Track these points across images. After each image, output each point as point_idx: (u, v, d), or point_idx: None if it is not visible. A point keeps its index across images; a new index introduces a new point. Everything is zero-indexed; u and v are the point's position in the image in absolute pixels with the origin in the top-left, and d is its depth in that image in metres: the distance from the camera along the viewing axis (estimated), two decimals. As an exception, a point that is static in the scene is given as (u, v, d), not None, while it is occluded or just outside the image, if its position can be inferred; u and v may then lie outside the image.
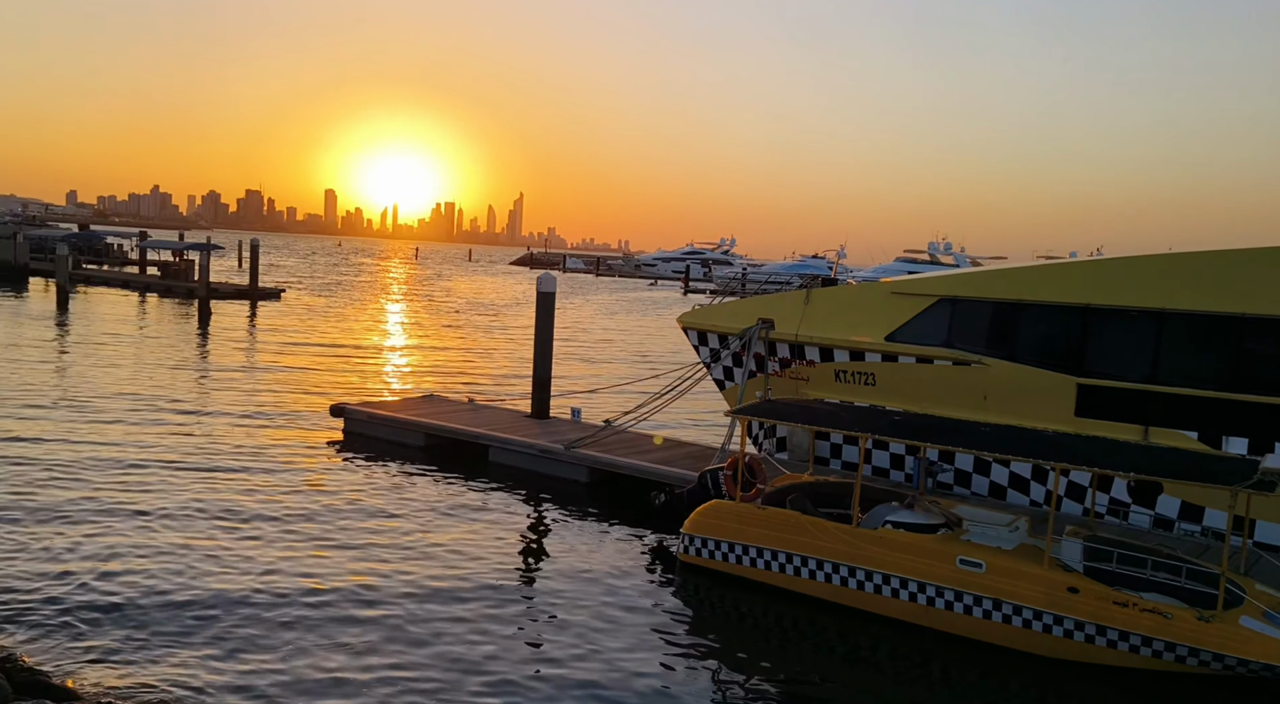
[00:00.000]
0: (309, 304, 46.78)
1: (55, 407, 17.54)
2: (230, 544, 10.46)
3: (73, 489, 12.24)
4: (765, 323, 13.90)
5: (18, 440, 14.76)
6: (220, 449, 14.99)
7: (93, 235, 64.28)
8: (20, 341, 26.44)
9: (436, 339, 34.56)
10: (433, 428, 15.47)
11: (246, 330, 33.47)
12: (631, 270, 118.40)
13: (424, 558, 10.41)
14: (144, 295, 45.48)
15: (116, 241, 65.65)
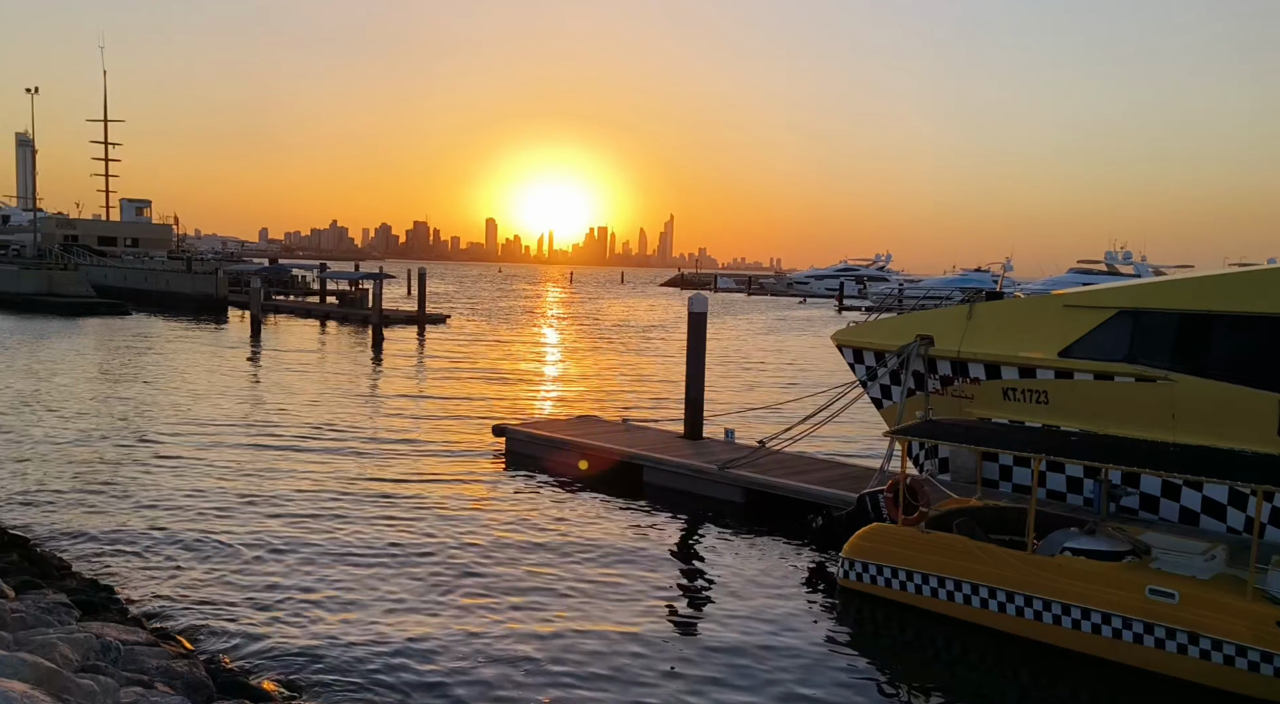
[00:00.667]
0: (472, 328, 48.90)
1: (249, 424, 19.05)
2: (400, 557, 10.98)
3: (260, 502, 13.22)
4: (924, 339, 13.40)
5: (210, 459, 16.10)
6: (393, 465, 15.81)
7: (280, 268, 69.72)
8: (221, 368, 28.94)
9: (591, 361, 35.31)
10: (588, 447, 15.76)
11: (415, 354, 35.32)
12: (784, 289, 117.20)
13: (581, 576, 10.58)
14: (324, 323, 48.87)
15: (301, 273, 70.90)
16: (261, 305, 44.27)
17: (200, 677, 5.88)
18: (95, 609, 7.51)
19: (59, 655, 4.99)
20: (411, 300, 62.98)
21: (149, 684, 5.20)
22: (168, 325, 44.60)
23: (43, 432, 17.90)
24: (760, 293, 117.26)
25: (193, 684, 5.69)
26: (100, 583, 9.07)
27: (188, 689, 5.50)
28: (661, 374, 30.85)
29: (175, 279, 59.85)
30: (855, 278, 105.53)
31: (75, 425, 18.62)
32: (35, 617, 6.14)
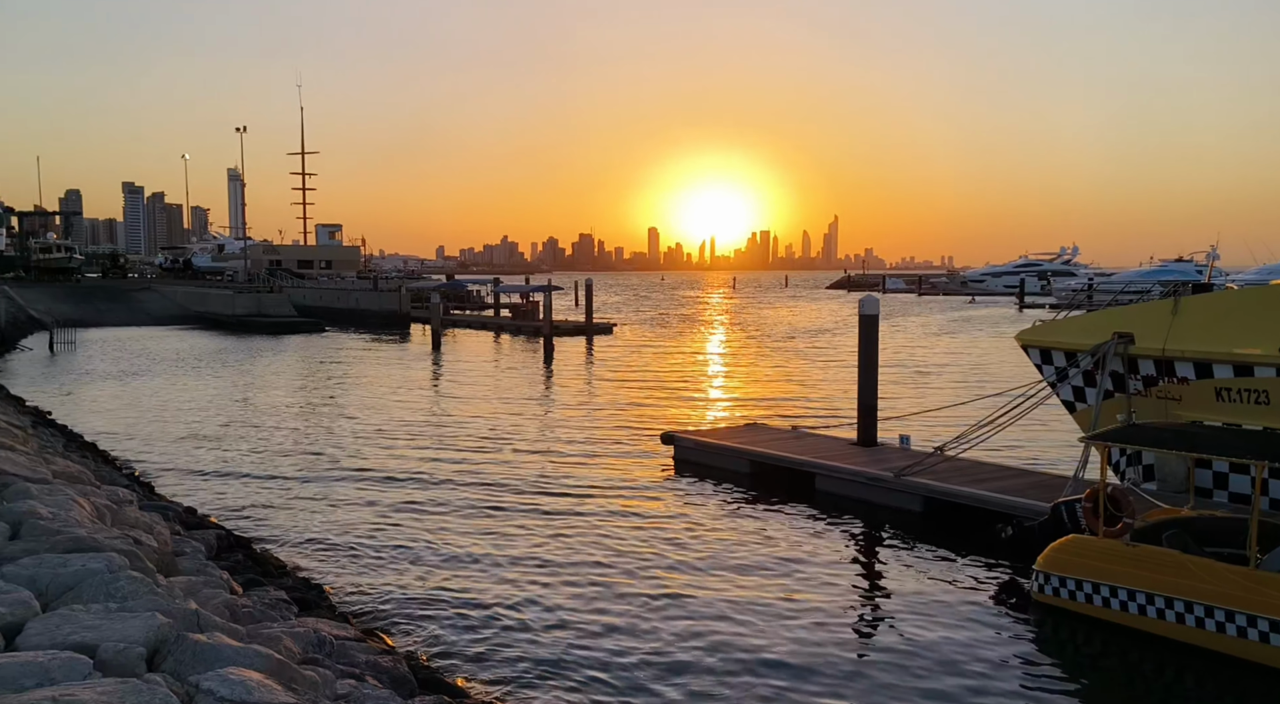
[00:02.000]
0: (637, 337, 49.69)
1: (433, 433, 20.14)
2: (573, 563, 11.27)
3: (443, 507, 13.92)
4: (1123, 337, 12.45)
5: (398, 466, 17.09)
6: (565, 472, 16.27)
7: (457, 284, 73.49)
8: (406, 380, 30.78)
9: (757, 367, 35.06)
10: (758, 455, 15.64)
11: (584, 363, 36.26)
12: (957, 288, 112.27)
13: (755, 586, 10.50)
14: (498, 334, 51.03)
15: (476, 288, 74.42)
16: (441, 319, 46.75)
17: (403, 672, 6.24)
18: (310, 606, 8.13)
19: (283, 648, 5.43)
20: (579, 311, 64.75)
21: (360, 677, 5.57)
22: (358, 340, 47.87)
23: (255, 441, 19.60)
24: (932, 293, 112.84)
25: (397, 679, 6.05)
26: (311, 582, 9.81)
27: (393, 684, 5.85)
28: (830, 379, 30.22)
29: (364, 297, 64.19)
30: (1038, 273, 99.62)
31: (283, 435, 20.28)
32: (261, 612, 6.72)
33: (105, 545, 6.49)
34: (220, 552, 9.84)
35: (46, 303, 57.13)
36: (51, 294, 62.02)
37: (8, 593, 5.21)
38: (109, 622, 4.93)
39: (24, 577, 5.66)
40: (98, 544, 6.48)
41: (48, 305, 55.83)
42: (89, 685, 4.04)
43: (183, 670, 4.47)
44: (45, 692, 3.97)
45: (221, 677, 4.23)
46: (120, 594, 5.47)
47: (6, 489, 8.02)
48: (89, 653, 4.47)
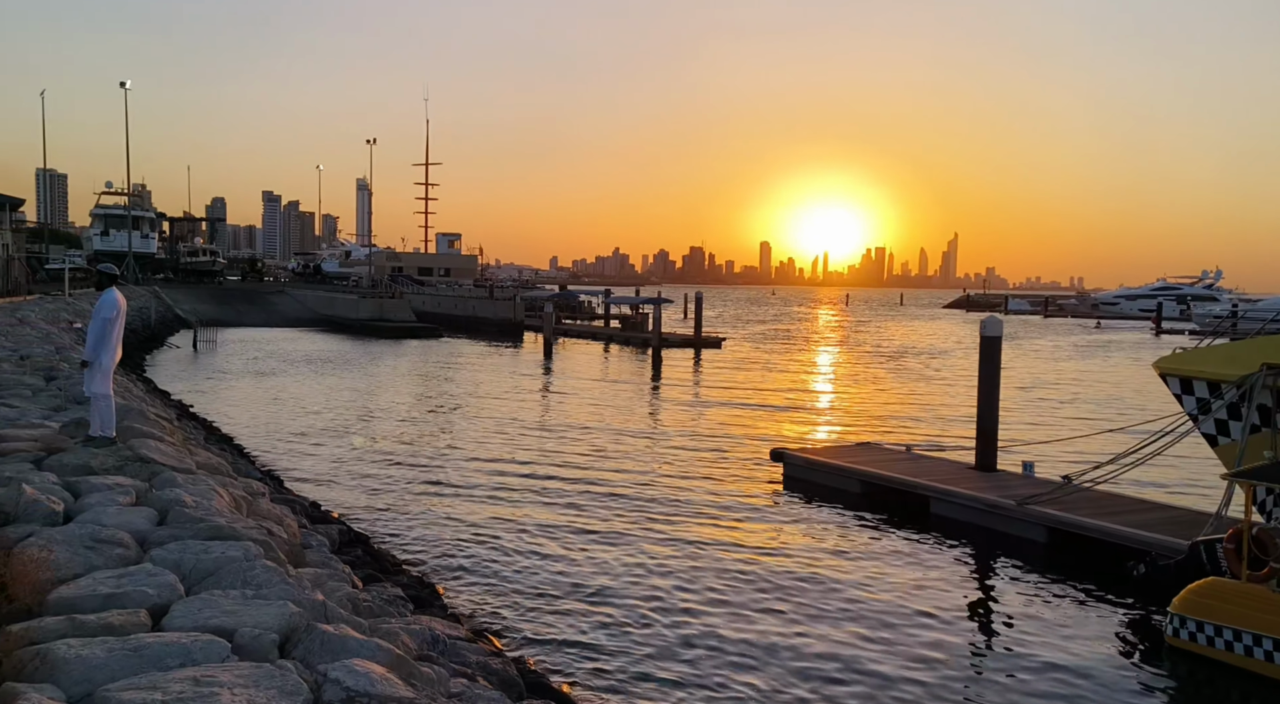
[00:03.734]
0: (746, 351, 49.37)
1: (544, 438, 20.50)
2: (680, 575, 11.24)
3: (552, 511, 14.12)
4: (1273, 369, 11.61)
5: (509, 470, 17.44)
6: (672, 484, 16.27)
7: (569, 294, 74.63)
8: (519, 386, 31.46)
9: (869, 385, 34.30)
10: (871, 476, 15.28)
11: (692, 375, 36.25)
12: (1087, 310, 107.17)
13: (862, 610, 10.24)
14: (608, 345, 51.58)
15: (587, 299, 75.45)
16: (553, 328, 47.59)
17: (512, 675, 6.36)
18: (424, 604, 8.38)
19: (401, 644, 5.62)
20: (688, 323, 64.83)
21: (472, 677, 5.71)
22: (473, 346, 49.22)
23: (374, 439, 20.38)
24: (1059, 314, 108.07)
25: (506, 681, 6.16)
26: (425, 581, 10.11)
27: (502, 685, 5.97)
28: (947, 401, 29.29)
29: (480, 305, 66.00)
30: (1176, 297, 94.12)
31: (399, 436, 21.02)
32: (380, 607, 6.98)
33: (242, 534, 6.85)
34: (342, 546, 10.26)
35: (191, 303, 60.96)
36: (196, 295, 66.13)
37: (156, 576, 5.57)
38: (245, 608, 5.20)
39: (170, 561, 6.03)
40: (235, 533, 6.85)
41: (192, 305, 59.56)
42: (227, 668, 4.27)
43: (311, 659, 4.68)
44: (188, 671, 4.22)
45: (347, 667, 4.40)
46: (255, 582, 5.76)
47: (156, 477, 8.58)
48: (227, 636, 4.72)
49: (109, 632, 4.74)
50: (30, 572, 5.53)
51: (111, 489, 7.85)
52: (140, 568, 5.80)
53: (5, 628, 4.72)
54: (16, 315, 28.35)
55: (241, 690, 3.99)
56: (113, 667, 4.23)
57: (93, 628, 4.76)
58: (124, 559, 6.07)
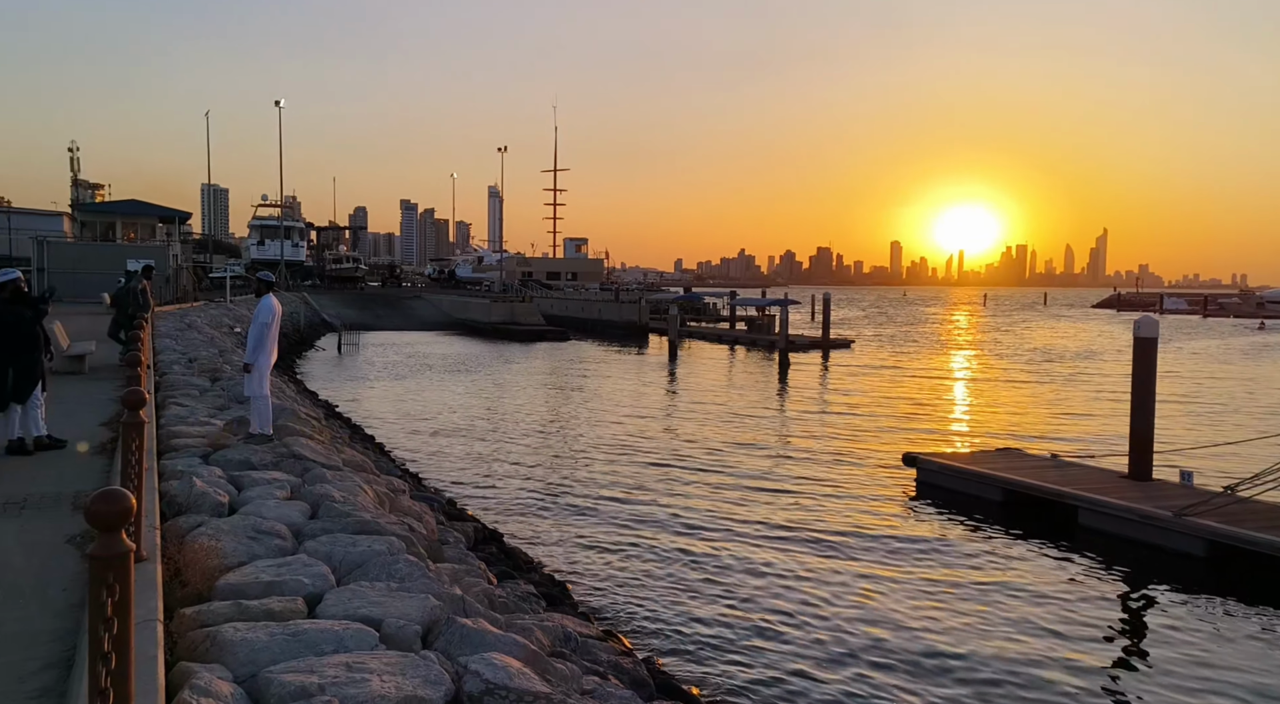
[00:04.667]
0: (876, 354, 48.17)
1: (669, 440, 20.60)
2: (808, 582, 11.06)
3: (679, 513, 14.15)
4: None
5: (637, 471, 17.58)
6: (799, 488, 16.04)
7: (694, 296, 74.72)
8: (645, 389, 31.73)
9: (1009, 389, 32.87)
10: (1012, 483, 14.63)
11: (820, 378, 35.66)
12: (1252, 309, 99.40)
13: (1006, 627, 9.81)
14: (733, 347, 51.34)
15: (712, 301, 75.38)
16: (678, 331, 47.77)
17: (643, 675, 6.42)
18: (555, 602, 8.57)
19: (536, 639, 5.76)
20: (816, 326, 63.84)
21: (604, 675, 5.80)
22: (599, 349, 49.95)
23: (504, 440, 20.97)
24: (1219, 314, 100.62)
25: (637, 681, 6.23)
26: (555, 578, 10.33)
27: (633, 685, 6.03)
28: (1095, 407, 27.74)
29: (605, 308, 66.94)
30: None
31: (529, 436, 21.55)
32: (514, 603, 7.18)
33: (386, 529, 7.19)
34: (477, 543, 10.60)
35: (336, 308, 64.35)
36: (340, 300, 69.76)
37: (310, 567, 5.91)
38: (390, 599, 5.45)
39: (322, 553, 6.39)
40: (380, 528, 7.19)
41: (337, 310, 62.85)
42: (376, 655, 4.49)
43: (452, 650, 4.86)
44: (340, 657, 4.46)
45: (486, 660, 4.55)
46: (399, 575, 6.04)
47: (308, 473, 9.11)
48: (375, 626, 4.97)
49: (270, 617, 5.06)
50: (201, 559, 5.97)
51: (269, 484, 8.38)
52: (296, 558, 6.16)
53: (180, 611, 5.11)
54: (185, 321, 30.64)
55: (390, 678, 4.19)
56: (274, 650, 4.52)
57: (255, 613, 5.10)
58: (281, 550, 6.47)
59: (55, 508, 7.27)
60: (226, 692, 3.97)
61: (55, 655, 4.45)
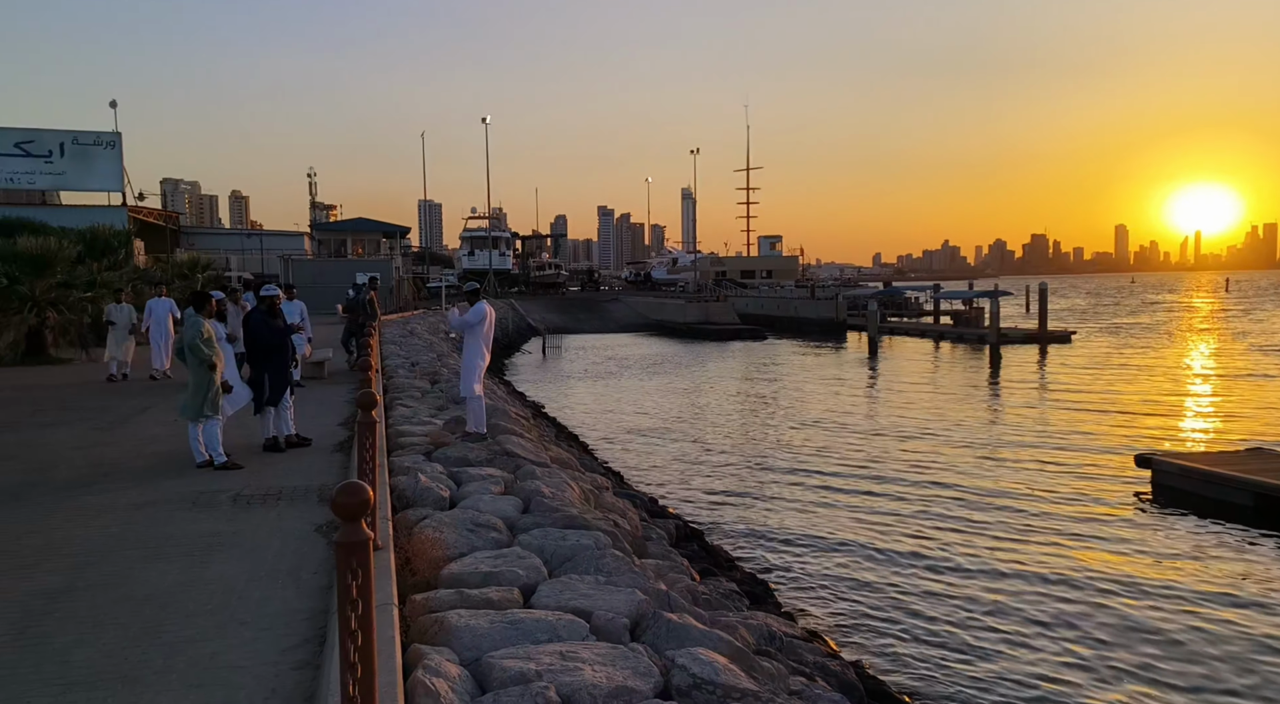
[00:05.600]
0: (1101, 346, 44.56)
1: (872, 439, 20.01)
2: (1033, 589, 10.39)
3: (885, 513, 13.70)
4: None
5: (838, 470, 17.18)
6: (1018, 489, 15.11)
7: (894, 291, 72.10)
8: (843, 386, 31.02)
9: (1255, 385, 29.45)
10: (1267, 487, 13.09)
11: (1036, 373, 33.43)
12: None
13: (1261, 645, 8.79)
14: (938, 343, 49.10)
15: (914, 295, 72.47)
16: (878, 327, 46.28)
17: (851, 678, 6.28)
18: (758, 600, 8.55)
19: (740, 637, 5.78)
20: (1031, 318, 59.90)
21: (810, 676, 5.72)
22: (796, 347, 49.28)
23: (703, 439, 21.12)
24: None
25: (845, 684, 6.10)
26: (757, 577, 10.30)
27: (841, 688, 5.91)
28: (1368, 401, 24.31)
29: (801, 305, 65.94)
30: None
31: (726, 434, 21.60)
32: (717, 601, 7.24)
33: (593, 525, 7.45)
34: (679, 540, 10.75)
35: (540, 313, 67.31)
36: (543, 305, 72.90)
37: (525, 559, 6.23)
38: (599, 592, 5.64)
39: (534, 546, 6.71)
40: (587, 523, 7.46)
41: (541, 315, 65.73)
42: (587, 646, 4.67)
43: (659, 644, 4.96)
44: (554, 646, 4.67)
45: (693, 655, 4.61)
46: (606, 569, 6.24)
47: (519, 470, 9.59)
48: (585, 617, 5.16)
49: (489, 606, 5.37)
50: (427, 549, 6.43)
51: (485, 479, 8.90)
52: (511, 551, 6.51)
53: (411, 597, 5.53)
54: (407, 328, 33.11)
55: (601, 668, 4.33)
56: (495, 637, 4.80)
57: (476, 601, 5.43)
58: (498, 542, 6.85)
59: (305, 499, 8.07)
60: (454, 673, 4.25)
61: (310, 631, 4.94)
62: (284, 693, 4.21)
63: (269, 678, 4.37)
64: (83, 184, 45.57)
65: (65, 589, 5.70)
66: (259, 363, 10.23)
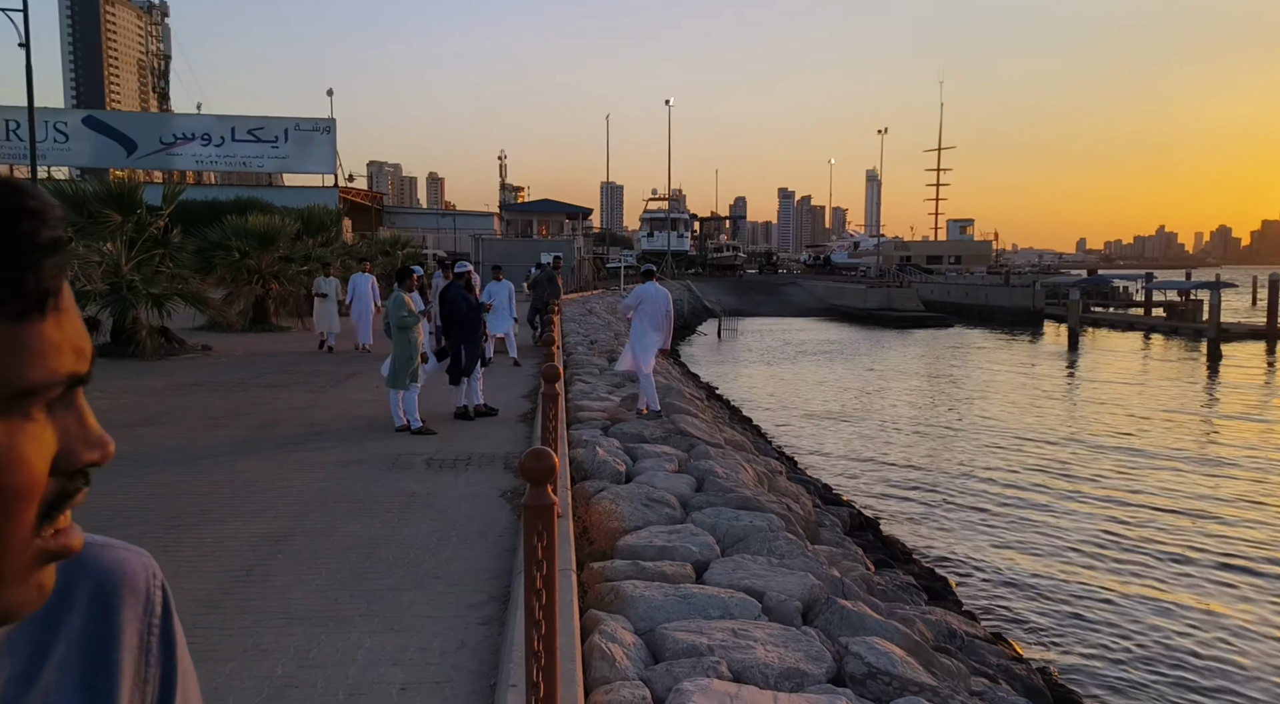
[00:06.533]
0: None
1: (1065, 436, 18.75)
2: (1251, 619, 9.45)
3: (1084, 516, 12.82)
4: None
5: (1027, 467, 16.22)
6: (1236, 502, 13.75)
7: (1099, 279, 67.01)
8: (1035, 380, 29.23)
9: None
10: None
11: (1264, 374, 30.22)
12: None
13: None
14: (1148, 336, 45.29)
15: (1122, 284, 67.09)
16: (1079, 318, 43.22)
17: (1038, 684, 5.95)
18: (936, 596, 8.24)
19: (918, 631, 5.60)
20: (1258, 312, 54.16)
21: (993, 678, 5.47)
22: (985, 337, 46.82)
23: (877, 428, 20.50)
24: None
25: (1031, 689, 5.79)
26: (936, 572, 9.92)
27: (1027, 693, 5.61)
28: None
29: (993, 293, 62.51)
30: None
31: (904, 424, 20.86)
32: (893, 592, 7.04)
33: (766, 507, 7.42)
34: (853, 528, 10.53)
35: (716, 295, 67.36)
36: (720, 288, 72.89)
37: (697, 536, 6.30)
38: (771, 574, 5.63)
39: (707, 524, 6.77)
40: (760, 505, 7.44)
41: (717, 297, 65.76)
42: (759, 625, 4.67)
43: (832, 630, 4.90)
44: (726, 623, 4.71)
45: (868, 644, 4.52)
46: (779, 552, 6.20)
47: (693, 449, 9.69)
48: (757, 597, 5.16)
49: (663, 579, 5.48)
50: (603, 520, 6.62)
51: (659, 457, 9.05)
52: (684, 527, 6.59)
53: (588, 565, 5.72)
54: (586, 307, 34.07)
55: (773, 648, 4.33)
56: (668, 609, 4.89)
57: (650, 574, 5.55)
58: (671, 518, 6.96)
59: (492, 466, 8.50)
60: (629, 641, 4.37)
61: (495, 590, 5.22)
62: (472, 645, 4.47)
63: (459, 630, 4.65)
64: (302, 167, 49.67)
65: (285, 534, 6.29)
66: (453, 335, 10.83)
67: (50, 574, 0.61)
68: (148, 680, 0.73)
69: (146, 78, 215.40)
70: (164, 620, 0.76)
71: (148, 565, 0.77)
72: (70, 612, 0.69)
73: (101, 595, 0.71)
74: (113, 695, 0.69)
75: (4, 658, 0.64)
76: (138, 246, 17.50)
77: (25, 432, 0.57)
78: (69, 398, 0.60)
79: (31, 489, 0.57)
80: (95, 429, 0.62)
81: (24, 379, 0.56)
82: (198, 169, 51.30)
